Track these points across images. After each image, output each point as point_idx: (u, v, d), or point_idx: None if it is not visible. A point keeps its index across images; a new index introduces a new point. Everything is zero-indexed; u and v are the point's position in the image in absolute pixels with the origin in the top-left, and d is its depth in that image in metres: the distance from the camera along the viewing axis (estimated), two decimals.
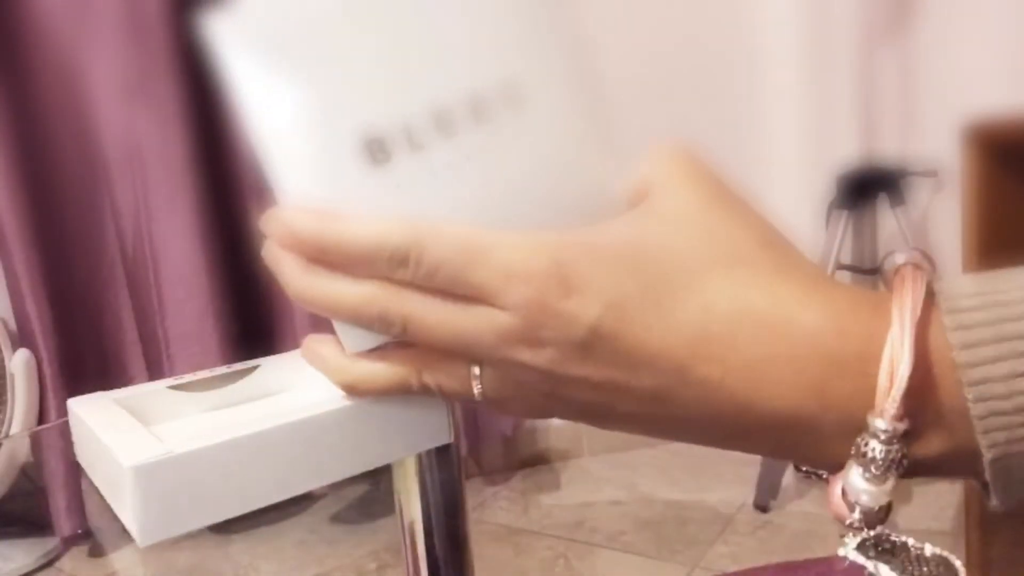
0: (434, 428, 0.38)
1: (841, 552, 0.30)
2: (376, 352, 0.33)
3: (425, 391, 0.34)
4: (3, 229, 1.64)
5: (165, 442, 0.33)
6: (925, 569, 0.31)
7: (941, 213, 1.79)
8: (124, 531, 0.34)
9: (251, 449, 0.34)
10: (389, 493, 0.47)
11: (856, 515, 0.30)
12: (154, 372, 1.73)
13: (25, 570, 1.69)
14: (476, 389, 0.33)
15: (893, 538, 0.31)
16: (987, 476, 0.30)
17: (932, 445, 0.30)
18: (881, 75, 1.89)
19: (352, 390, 0.34)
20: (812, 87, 1.96)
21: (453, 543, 0.45)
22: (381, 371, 0.33)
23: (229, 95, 0.31)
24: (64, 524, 1.69)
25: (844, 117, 1.84)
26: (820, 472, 0.33)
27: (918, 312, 0.29)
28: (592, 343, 0.30)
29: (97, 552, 1.76)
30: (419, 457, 0.44)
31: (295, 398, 0.41)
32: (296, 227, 0.31)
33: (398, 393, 0.34)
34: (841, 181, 1.76)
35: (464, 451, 1.89)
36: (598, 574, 1.70)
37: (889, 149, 1.80)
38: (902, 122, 1.83)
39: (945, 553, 0.32)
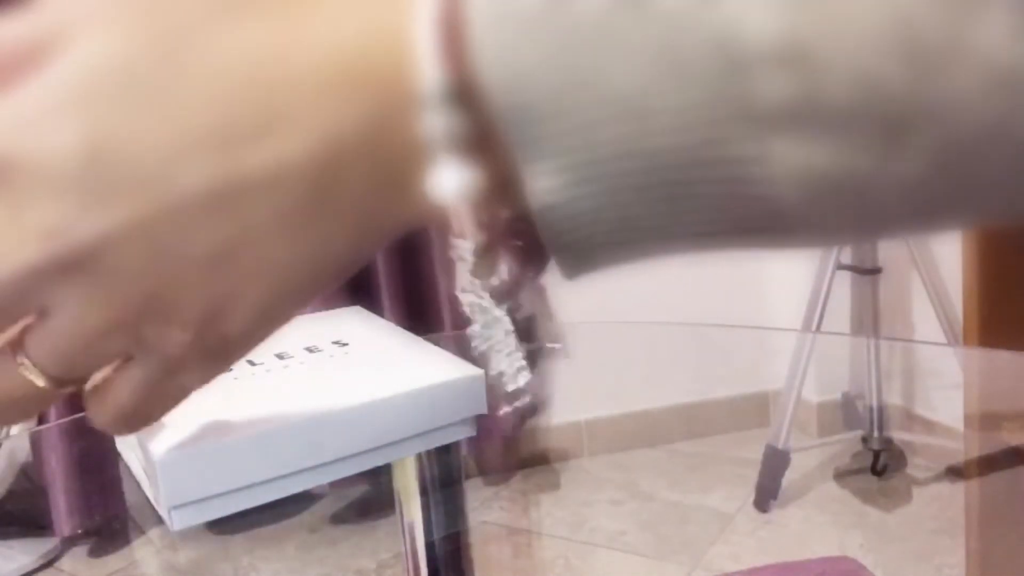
0: (474, 397, 0.38)
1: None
2: None
3: None
4: None
5: (198, 428, 0.34)
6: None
7: None
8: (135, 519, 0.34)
9: (286, 437, 0.34)
10: (389, 493, 0.47)
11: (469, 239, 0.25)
12: None
13: (25, 570, 1.69)
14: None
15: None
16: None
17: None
18: None
19: None
20: None
21: (453, 543, 0.45)
22: None
23: None
24: (64, 524, 1.69)
25: None
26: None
27: None
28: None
29: (97, 552, 1.76)
30: (419, 457, 0.44)
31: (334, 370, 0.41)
32: None
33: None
34: None
35: (464, 451, 1.89)
36: (598, 574, 1.70)
37: None
38: None
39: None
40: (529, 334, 0.29)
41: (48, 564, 1.72)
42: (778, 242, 0.24)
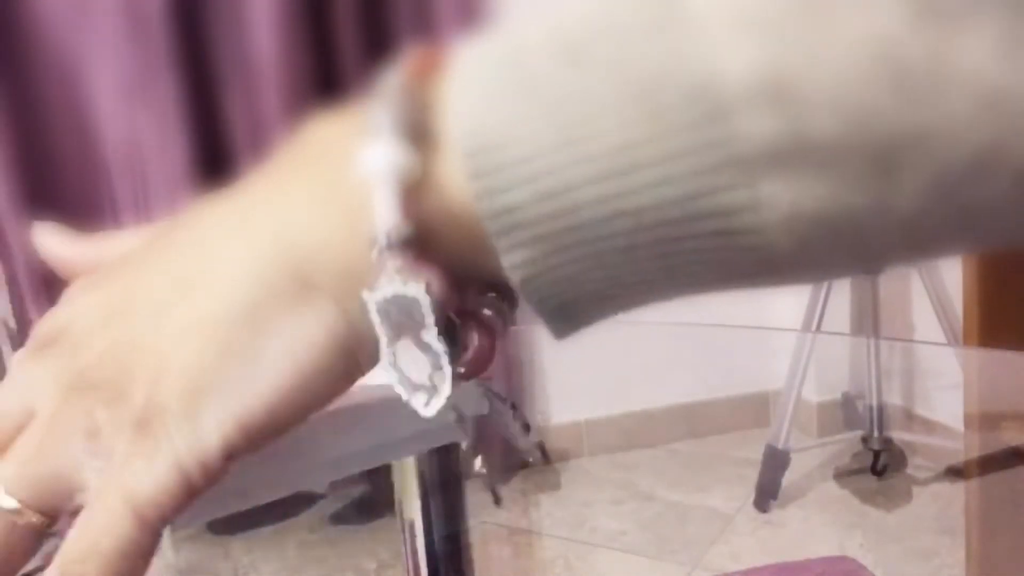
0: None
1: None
2: None
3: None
4: (3, 229, 1.64)
5: None
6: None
7: None
8: None
9: (286, 437, 0.34)
10: (389, 493, 0.47)
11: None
12: None
13: (25, 570, 1.69)
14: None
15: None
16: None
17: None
18: None
19: None
20: None
21: (453, 543, 0.45)
22: None
23: None
24: (64, 524, 1.69)
25: None
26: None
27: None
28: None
29: None
30: (419, 457, 0.44)
31: None
32: None
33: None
34: None
35: (464, 450, 1.89)
36: (598, 574, 1.70)
37: None
38: None
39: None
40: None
41: (48, 564, 1.72)
42: (770, 284, 0.23)
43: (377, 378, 0.30)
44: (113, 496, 0.24)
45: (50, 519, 0.26)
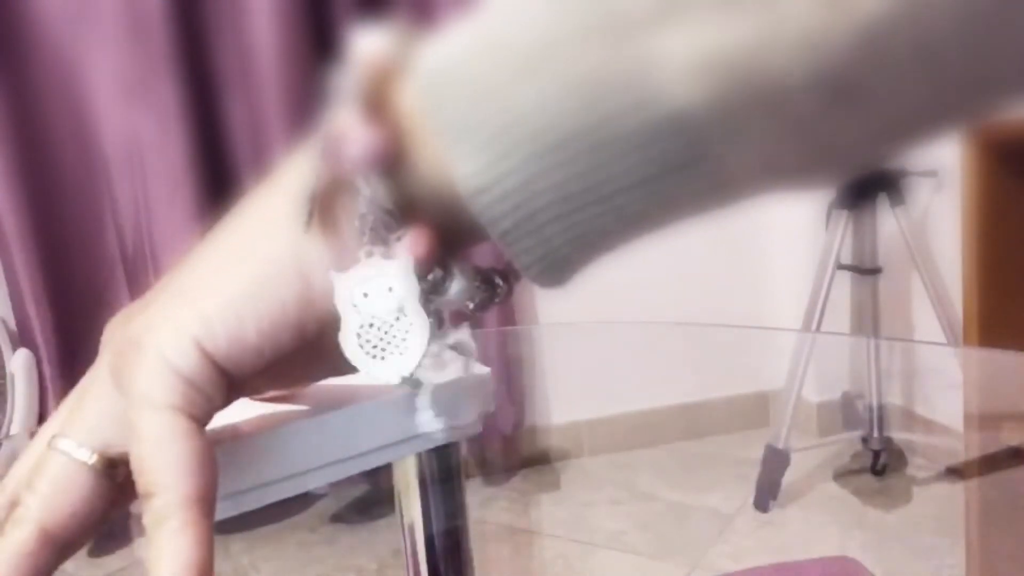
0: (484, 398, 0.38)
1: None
2: None
3: None
4: (3, 229, 1.64)
5: None
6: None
7: (941, 213, 1.79)
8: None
9: (291, 438, 0.34)
10: (389, 493, 0.47)
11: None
12: None
13: None
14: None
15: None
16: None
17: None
18: None
19: None
20: None
21: (453, 543, 0.45)
22: None
23: None
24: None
25: None
26: None
27: None
28: None
29: (97, 552, 1.76)
30: (419, 457, 0.44)
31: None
32: None
33: None
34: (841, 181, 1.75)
35: (464, 451, 1.89)
36: (598, 574, 1.70)
37: None
38: None
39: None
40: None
41: None
42: (718, 180, 0.23)
43: (362, 378, 0.30)
44: (129, 408, 0.26)
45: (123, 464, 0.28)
